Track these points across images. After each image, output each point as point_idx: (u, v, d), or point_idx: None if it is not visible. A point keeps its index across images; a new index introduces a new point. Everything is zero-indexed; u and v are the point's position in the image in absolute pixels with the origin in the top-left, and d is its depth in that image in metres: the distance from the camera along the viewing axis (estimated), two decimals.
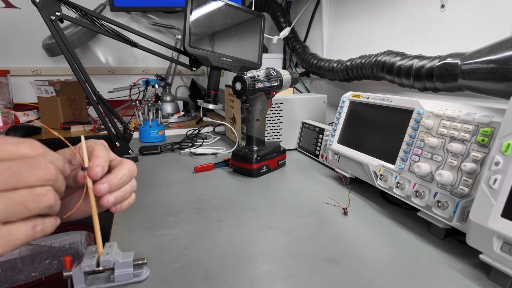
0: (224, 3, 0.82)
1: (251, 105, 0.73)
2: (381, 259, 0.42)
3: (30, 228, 0.23)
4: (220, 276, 0.38)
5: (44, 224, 0.25)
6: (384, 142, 0.56)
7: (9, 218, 0.22)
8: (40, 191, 0.23)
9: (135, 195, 0.37)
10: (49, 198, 0.24)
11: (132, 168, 0.35)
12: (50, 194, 0.24)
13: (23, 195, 0.22)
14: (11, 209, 0.21)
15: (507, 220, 0.34)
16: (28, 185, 0.22)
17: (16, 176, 0.22)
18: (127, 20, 1.61)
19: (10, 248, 0.22)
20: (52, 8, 0.73)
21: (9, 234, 0.22)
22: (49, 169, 0.24)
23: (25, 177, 0.22)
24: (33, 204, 0.23)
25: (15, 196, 0.22)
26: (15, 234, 0.22)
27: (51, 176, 0.24)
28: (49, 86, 1.24)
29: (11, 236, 0.22)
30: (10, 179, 0.21)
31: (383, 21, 0.89)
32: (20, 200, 0.22)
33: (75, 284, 0.34)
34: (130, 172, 0.34)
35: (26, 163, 0.23)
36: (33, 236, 0.24)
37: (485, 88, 0.48)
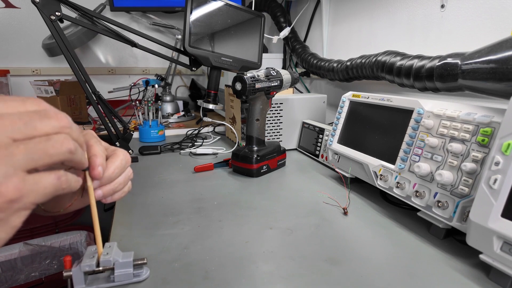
0: (224, 3, 0.82)
1: (251, 105, 0.73)
2: (381, 259, 0.42)
3: (56, 178, 0.23)
4: (220, 276, 0.38)
5: (68, 176, 0.25)
6: (384, 142, 0.56)
7: (33, 165, 0.22)
8: (57, 138, 0.23)
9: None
10: (68, 143, 0.24)
11: (125, 158, 0.34)
12: (69, 140, 0.24)
13: (40, 141, 0.22)
14: (32, 155, 0.21)
15: (507, 220, 0.34)
16: (43, 133, 0.22)
17: (29, 125, 0.22)
18: (127, 20, 1.61)
19: (41, 196, 0.22)
20: (52, 8, 0.73)
21: (37, 181, 0.22)
22: (60, 117, 0.24)
23: (38, 125, 0.22)
24: (52, 149, 0.22)
25: (33, 143, 0.22)
26: (42, 182, 0.22)
27: (65, 123, 0.24)
28: (49, 86, 1.24)
29: (39, 184, 0.22)
30: (24, 128, 0.21)
31: (383, 21, 0.89)
32: (39, 146, 0.22)
33: (75, 284, 0.34)
34: (123, 163, 0.34)
35: (37, 114, 0.23)
36: (59, 186, 0.24)
37: (485, 88, 0.48)
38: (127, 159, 0.34)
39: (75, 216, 1.32)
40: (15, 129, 0.21)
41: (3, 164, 0.20)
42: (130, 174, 0.35)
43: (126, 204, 0.58)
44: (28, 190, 0.21)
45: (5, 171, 0.20)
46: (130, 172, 0.35)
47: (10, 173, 0.20)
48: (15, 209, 0.21)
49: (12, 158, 0.20)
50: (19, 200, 0.21)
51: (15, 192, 0.20)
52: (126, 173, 0.35)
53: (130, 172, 0.35)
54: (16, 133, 0.21)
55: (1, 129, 0.20)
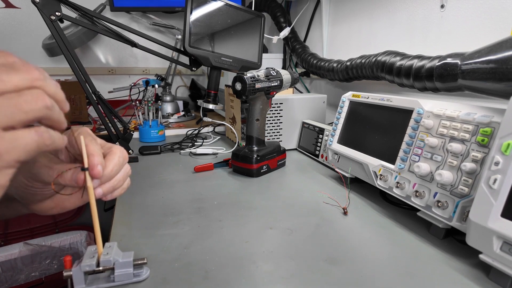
0: (224, 3, 0.82)
1: (251, 105, 0.73)
2: (381, 259, 0.42)
3: (36, 134, 0.22)
4: (220, 276, 0.38)
5: (50, 133, 0.24)
6: (384, 142, 0.56)
7: (7, 122, 0.20)
8: (30, 92, 0.22)
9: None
10: (43, 97, 0.22)
11: (123, 156, 0.34)
12: (43, 95, 0.22)
13: (11, 97, 0.21)
14: (3, 111, 0.20)
15: (507, 220, 0.34)
16: (12, 87, 0.21)
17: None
18: (127, 20, 1.61)
19: (23, 153, 0.21)
20: (52, 8, 0.73)
21: (16, 138, 0.21)
22: (29, 69, 0.22)
23: (6, 79, 0.21)
24: (26, 105, 0.21)
25: (3, 99, 0.20)
26: (22, 138, 0.21)
27: (35, 75, 0.22)
28: None
29: (18, 140, 0.21)
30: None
31: (383, 21, 0.89)
32: (11, 102, 0.21)
33: (75, 284, 0.34)
34: (121, 161, 0.33)
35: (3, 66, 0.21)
36: (42, 142, 0.23)
37: (485, 88, 0.48)
38: (125, 156, 0.34)
39: (75, 216, 1.32)
40: None
41: None
42: (128, 171, 0.35)
43: (126, 204, 0.58)
44: (6, 147, 0.20)
45: None
46: (128, 168, 0.35)
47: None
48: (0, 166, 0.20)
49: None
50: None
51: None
52: (125, 169, 0.35)
53: (128, 169, 0.35)
54: None
55: None
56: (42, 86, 0.23)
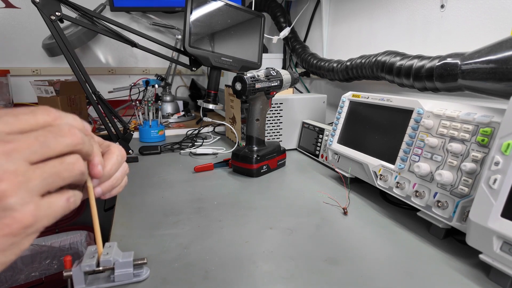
0: (224, 3, 0.82)
1: (251, 105, 0.73)
2: (381, 259, 0.42)
3: (65, 200, 0.24)
4: (220, 276, 0.38)
5: (76, 197, 0.25)
6: (384, 142, 0.56)
7: (47, 189, 0.22)
8: (70, 160, 0.23)
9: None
10: (80, 165, 0.24)
11: (121, 154, 0.34)
12: (80, 161, 0.24)
13: (55, 165, 0.22)
14: (47, 180, 0.22)
15: (507, 220, 0.34)
16: (57, 153, 0.22)
17: (45, 146, 0.22)
18: (127, 20, 1.61)
19: (52, 219, 0.23)
20: (52, 8, 0.73)
21: (49, 206, 0.22)
22: (74, 133, 0.24)
23: (53, 146, 0.22)
24: (66, 173, 0.23)
25: (48, 167, 0.22)
26: (54, 206, 0.23)
27: (78, 140, 0.24)
28: (49, 86, 1.24)
29: (51, 208, 0.22)
30: (41, 150, 0.21)
31: (383, 21, 0.89)
32: (54, 170, 0.22)
33: (75, 284, 0.34)
34: (119, 159, 0.33)
35: (50, 132, 0.23)
36: (68, 208, 0.24)
37: (485, 88, 0.48)
38: (123, 155, 0.34)
39: (75, 216, 1.32)
40: (32, 152, 0.21)
41: (21, 190, 0.20)
42: (126, 169, 0.35)
43: (126, 204, 0.58)
44: (42, 216, 0.22)
45: (22, 198, 0.20)
46: (126, 167, 0.35)
47: (27, 200, 0.20)
48: (28, 233, 0.21)
49: (29, 184, 0.21)
50: (33, 226, 0.21)
51: (30, 218, 0.21)
52: (123, 168, 0.35)
53: (126, 167, 0.35)
54: (33, 156, 0.21)
55: (19, 152, 0.20)
56: (81, 150, 0.25)
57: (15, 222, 0.20)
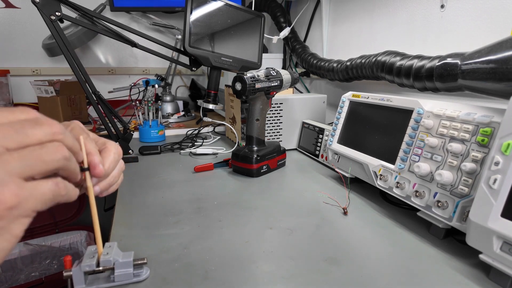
0: (224, 3, 0.82)
1: (251, 105, 0.73)
2: (381, 259, 0.42)
3: (54, 184, 0.23)
4: (220, 276, 0.38)
5: (66, 183, 0.25)
6: (384, 142, 0.56)
7: (29, 172, 0.22)
8: (51, 145, 0.23)
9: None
10: (62, 149, 0.24)
11: (118, 152, 0.34)
12: (62, 147, 0.24)
13: (34, 149, 0.22)
14: (26, 162, 0.21)
15: (507, 220, 0.34)
16: (36, 140, 0.22)
17: (21, 132, 0.22)
18: (127, 20, 1.61)
19: (40, 203, 0.22)
20: (52, 8, 0.73)
21: (35, 187, 0.22)
22: (52, 123, 0.24)
23: (30, 132, 0.22)
24: (47, 156, 0.23)
25: (27, 151, 0.22)
26: (40, 188, 0.22)
27: (57, 129, 0.24)
28: (49, 86, 1.24)
29: (37, 190, 0.22)
30: (16, 136, 0.21)
31: (383, 21, 0.89)
32: (34, 154, 0.22)
33: (75, 284, 0.34)
34: (116, 157, 0.34)
35: (28, 121, 0.23)
36: (58, 192, 0.24)
37: (485, 88, 0.48)
38: (119, 152, 0.35)
39: (75, 216, 1.32)
40: (7, 138, 0.21)
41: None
42: (122, 166, 0.36)
43: (126, 204, 0.58)
44: (26, 196, 0.21)
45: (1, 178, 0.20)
46: (122, 164, 0.36)
47: (6, 179, 0.20)
48: (15, 215, 0.21)
49: (7, 165, 0.20)
50: (18, 207, 0.21)
51: (13, 198, 0.20)
52: (119, 165, 0.35)
53: (122, 164, 0.36)
54: (9, 141, 0.21)
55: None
56: (62, 139, 0.24)
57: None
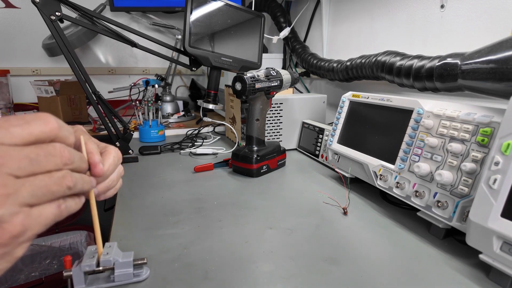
0: (224, 3, 0.82)
1: (251, 105, 0.73)
2: (381, 259, 0.42)
3: (56, 207, 0.24)
4: (220, 276, 0.38)
5: (67, 203, 0.26)
6: (384, 142, 0.56)
7: (36, 201, 0.23)
8: (58, 175, 0.24)
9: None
10: (68, 180, 0.25)
11: (117, 156, 0.34)
12: (68, 177, 0.25)
13: (44, 179, 0.23)
14: (36, 192, 0.22)
15: (507, 220, 0.34)
16: (46, 170, 0.23)
17: (35, 163, 0.22)
18: (127, 20, 1.61)
19: (43, 227, 0.23)
20: (52, 8, 0.73)
21: (40, 214, 0.23)
22: (64, 155, 0.25)
23: (42, 164, 0.23)
24: (55, 187, 0.24)
25: (37, 181, 0.23)
26: (45, 214, 0.23)
27: (66, 161, 0.25)
28: (49, 86, 1.24)
29: (42, 216, 0.23)
30: (29, 167, 0.22)
31: (383, 21, 0.89)
32: (43, 184, 0.23)
33: (75, 284, 0.34)
34: (116, 161, 0.34)
35: (42, 149, 0.23)
36: (60, 214, 0.25)
37: (485, 88, 0.48)
38: (119, 156, 0.35)
39: (75, 216, 1.32)
40: (20, 167, 0.22)
41: (9, 202, 0.21)
42: (121, 171, 0.36)
43: (126, 204, 0.58)
44: (31, 224, 0.22)
45: (11, 209, 0.21)
46: (121, 169, 0.36)
47: (16, 210, 0.21)
48: (19, 242, 0.22)
49: (17, 195, 0.21)
50: (23, 234, 0.22)
51: (20, 228, 0.21)
52: (118, 169, 0.35)
53: (121, 169, 0.36)
54: (21, 171, 0.22)
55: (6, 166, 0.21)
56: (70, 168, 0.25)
57: (4, 233, 0.21)
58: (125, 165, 0.81)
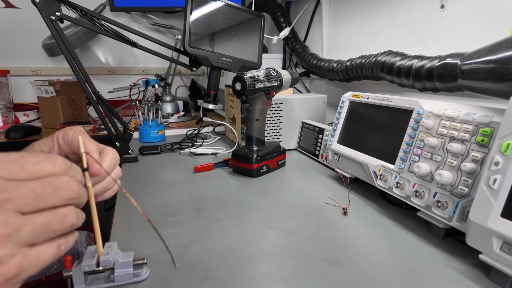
0: (224, 3, 0.82)
1: (251, 105, 0.73)
2: (381, 259, 0.42)
3: (55, 248, 0.23)
4: (220, 276, 0.38)
5: (67, 242, 0.25)
6: (384, 142, 0.56)
7: (36, 240, 0.22)
8: (63, 212, 0.23)
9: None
10: (72, 217, 0.24)
11: (115, 157, 0.34)
12: (73, 213, 0.24)
13: (47, 217, 0.22)
14: (37, 232, 0.21)
15: (507, 220, 0.34)
16: (51, 205, 0.23)
17: (40, 198, 0.22)
18: (127, 20, 1.61)
19: (39, 268, 0.22)
20: (52, 8, 0.73)
21: (38, 256, 0.22)
22: (72, 188, 0.24)
23: (48, 198, 0.22)
24: (57, 225, 0.23)
25: (40, 219, 0.22)
26: (43, 255, 0.22)
27: (74, 194, 0.24)
28: (49, 86, 1.24)
29: (40, 257, 0.22)
30: (35, 202, 0.21)
31: (383, 21, 0.89)
32: (45, 222, 0.22)
33: (75, 284, 0.34)
34: (113, 162, 0.34)
35: (49, 183, 0.23)
36: (57, 255, 0.24)
37: (485, 88, 0.48)
38: (117, 158, 0.35)
39: None
40: (25, 203, 0.21)
41: (9, 242, 0.20)
42: (119, 173, 0.36)
43: (126, 204, 0.58)
44: (28, 266, 0.21)
45: (10, 250, 0.20)
46: (119, 171, 0.36)
47: (14, 251, 0.20)
48: (12, 284, 0.21)
49: (18, 235, 0.20)
50: (18, 276, 0.21)
51: (15, 270, 0.20)
52: (116, 171, 0.35)
53: (119, 171, 0.36)
54: (26, 207, 0.21)
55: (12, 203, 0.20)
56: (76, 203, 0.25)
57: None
58: (125, 165, 0.81)
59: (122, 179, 0.37)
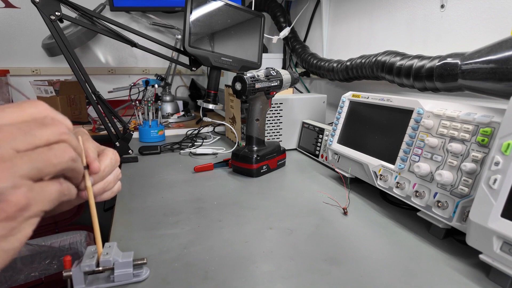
0: (224, 3, 0.82)
1: (251, 105, 0.73)
2: (381, 259, 0.42)
3: (59, 184, 0.24)
4: (220, 276, 0.38)
5: (67, 183, 0.26)
6: (384, 142, 0.56)
7: (38, 174, 0.22)
8: (59, 147, 0.24)
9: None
10: (69, 151, 0.25)
11: (115, 158, 0.34)
12: (69, 148, 0.25)
13: (43, 151, 0.23)
14: (36, 164, 0.22)
15: (507, 220, 0.34)
16: (44, 142, 0.23)
17: (29, 134, 0.22)
18: (127, 20, 1.61)
19: (48, 203, 0.23)
20: (52, 8, 0.72)
21: (43, 189, 0.23)
22: (58, 123, 0.24)
23: (38, 134, 0.23)
24: (55, 159, 0.23)
25: (36, 153, 0.22)
26: (48, 189, 0.23)
27: (63, 129, 0.25)
28: (49, 86, 1.24)
29: (45, 191, 0.23)
30: (25, 138, 0.22)
31: (383, 21, 0.89)
32: (43, 156, 0.22)
33: (74, 284, 0.34)
34: (113, 162, 0.34)
35: (35, 122, 0.23)
36: (62, 192, 0.25)
37: (485, 88, 0.48)
38: (116, 159, 0.35)
39: (75, 216, 1.32)
40: (16, 140, 0.21)
41: (10, 174, 0.21)
42: (118, 174, 0.36)
43: (126, 204, 0.58)
44: (35, 197, 0.22)
45: (13, 181, 0.21)
46: (118, 172, 0.36)
47: (18, 182, 0.21)
48: (26, 217, 0.22)
49: (18, 168, 0.21)
50: (28, 208, 0.21)
51: (24, 200, 0.21)
52: (115, 172, 0.35)
53: (118, 172, 0.36)
54: (18, 143, 0.21)
55: (3, 141, 0.21)
56: (68, 140, 0.25)
57: (9, 205, 0.20)
58: (125, 165, 0.81)
59: (122, 179, 0.37)
